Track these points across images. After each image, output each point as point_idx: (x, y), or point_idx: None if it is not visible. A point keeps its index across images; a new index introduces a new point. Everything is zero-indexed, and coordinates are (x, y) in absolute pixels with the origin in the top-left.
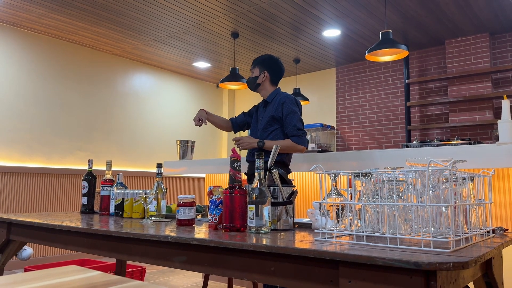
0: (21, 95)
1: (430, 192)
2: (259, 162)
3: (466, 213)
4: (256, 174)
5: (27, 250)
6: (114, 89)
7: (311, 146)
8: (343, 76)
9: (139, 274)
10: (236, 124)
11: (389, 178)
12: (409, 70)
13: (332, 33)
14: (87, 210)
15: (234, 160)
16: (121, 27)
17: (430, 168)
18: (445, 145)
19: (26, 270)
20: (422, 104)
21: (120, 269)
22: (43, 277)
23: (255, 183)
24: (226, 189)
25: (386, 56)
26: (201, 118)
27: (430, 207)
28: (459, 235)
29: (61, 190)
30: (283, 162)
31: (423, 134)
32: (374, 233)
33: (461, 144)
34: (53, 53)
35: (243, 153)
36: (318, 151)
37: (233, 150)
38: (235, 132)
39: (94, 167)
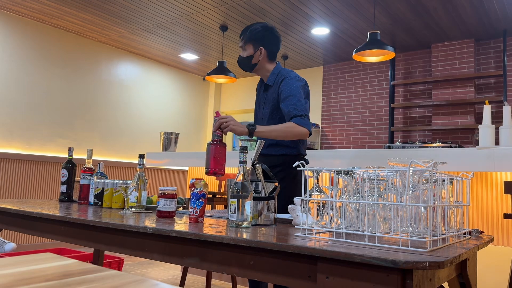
0: (2, 78)
1: (410, 192)
2: (242, 157)
3: (444, 214)
4: (239, 168)
5: (10, 244)
6: (99, 77)
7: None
8: (330, 75)
9: (117, 265)
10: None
11: (370, 177)
12: (395, 72)
13: (320, 31)
14: (66, 198)
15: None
16: (108, 14)
17: (411, 168)
18: (426, 147)
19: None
20: (406, 106)
21: (97, 260)
22: (17, 264)
23: (238, 177)
24: (209, 142)
25: (373, 56)
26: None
27: (409, 207)
28: (436, 236)
29: (40, 177)
30: (299, 154)
31: (406, 136)
32: (353, 230)
33: (443, 147)
34: (37, 37)
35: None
36: None
37: (217, 113)
38: None
39: (75, 156)
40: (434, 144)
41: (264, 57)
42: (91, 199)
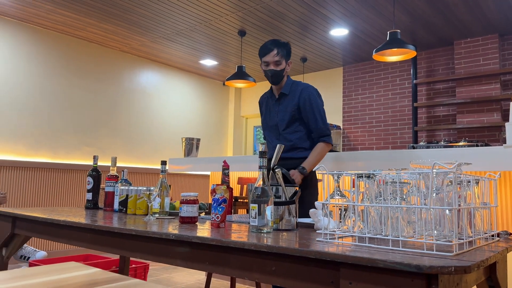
0: (29, 89)
1: (434, 194)
2: (262, 161)
3: (470, 216)
4: (259, 173)
5: (41, 253)
6: (121, 86)
7: None
8: (350, 75)
9: (142, 270)
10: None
11: (393, 179)
12: (417, 70)
13: (339, 32)
14: (92, 205)
15: (224, 168)
16: (128, 24)
17: (434, 170)
18: (451, 146)
19: (31, 265)
20: (430, 105)
21: (123, 265)
22: (44, 273)
23: (258, 182)
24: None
25: (393, 56)
26: None
27: (434, 210)
28: (463, 239)
29: (67, 185)
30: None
31: (430, 135)
32: (376, 234)
33: (468, 146)
34: (61, 48)
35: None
36: None
37: (225, 162)
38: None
39: (100, 163)
40: (460, 143)
41: (288, 70)
42: (116, 206)
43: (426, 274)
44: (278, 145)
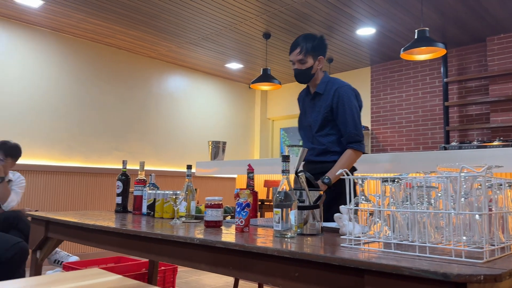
0: (61, 97)
1: (463, 199)
2: (285, 166)
3: (503, 221)
4: (283, 177)
5: (73, 257)
6: (150, 91)
7: None
8: (378, 75)
9: (171, 273)
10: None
11: (419, 184)
12: (448, 68)
13: (366, 31)
14: (121, 209)
15: (249, 172)
16: (156, 30)
17: (462, 174)
18: (485, 146)
19: (64, 267)
20: (462, 103)
21: (152, 268)
22: (65, 280)
23: (281, 186)
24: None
25: (422, 54)
26: None
27: (462, 215)
28: (494, 245)
29: (99, 189)
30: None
31: (462, 135)
32: (403, 240)
33: (503, 145)
34: (92, 56)
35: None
36: None
37: (249, 165)
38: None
39: (130, 167)
40: (494, 143)
41: (320, 66)
42: (144, 209)
43: (453, 282)
44: (301, 149)
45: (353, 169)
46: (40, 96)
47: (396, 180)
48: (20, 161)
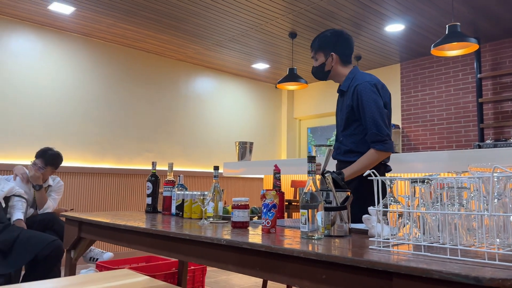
0: (93, 100)
1: (496, 200)
2: (310, 166)
3: None
4: (308, 178)
5: (108, 254)
6: (178, 93)
7: None
8: (408, 72)
9: (200, 272)
10: None
11: (450, 184)
12: (481, 64)
13: (395, 28)
14: (151, 209)
15: (275, 172)
16: (184, 33)
17: (495, 174)
18: None
19: (97, 266)
20: (496, 100)
21: (182, 267)
22: (96, 281)
23: (307, 187)
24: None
25: (453, 50)
26: None
27: (496, 217)
28: None
29: (131, 189)
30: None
31: (498, 133)
32: (433, 243)
33: None
34: (122, 60)
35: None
36: None
37: (276, 166)
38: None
39: (160, 168)
40: None
41: (337, 62)
42: (173, 210)
43: (486, 286)
44: (327, 149)
45: (385, 168)
46: (73, 100)
47: (425, 181)
48: None
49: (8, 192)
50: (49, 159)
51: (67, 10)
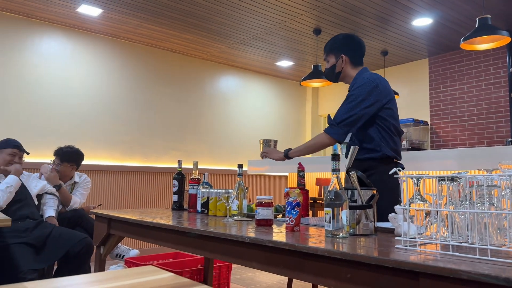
0: (121, 100)
1: None
2: (335, 164)
3: None
4: (333, 176)
5: (134, 251)
6: (203, 92)
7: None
8: (436, 67)
9: (226, 269)
10: None
11: (478, 182)
12: None
13: (423, 21)
14: (177, 207)
15: (300, 170)
16: (208, 33)
17: None
18: None
19: (126, 262)
20: None
21: (208, 264)
22: (120, 277)
23: (332, 185)
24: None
25: (484, 44)
26: None
27: None
28: None
29: (158, 187)
30: (384, 157)
31: None
32: (461, 242)
33: None
34: (148, 60)
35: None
36: (408, 149)
37: (300, 164)
38: None
39: (187, 166)
40: None
41: (347, 64)
42: (199, 207)
43: None
44: (352, 147)
45: (396, 166)
46: (101, 100)
47: (454, 179)
48: (85, 162)
49: (41, 190)
50: (64, 155)
51: (95, 12)
